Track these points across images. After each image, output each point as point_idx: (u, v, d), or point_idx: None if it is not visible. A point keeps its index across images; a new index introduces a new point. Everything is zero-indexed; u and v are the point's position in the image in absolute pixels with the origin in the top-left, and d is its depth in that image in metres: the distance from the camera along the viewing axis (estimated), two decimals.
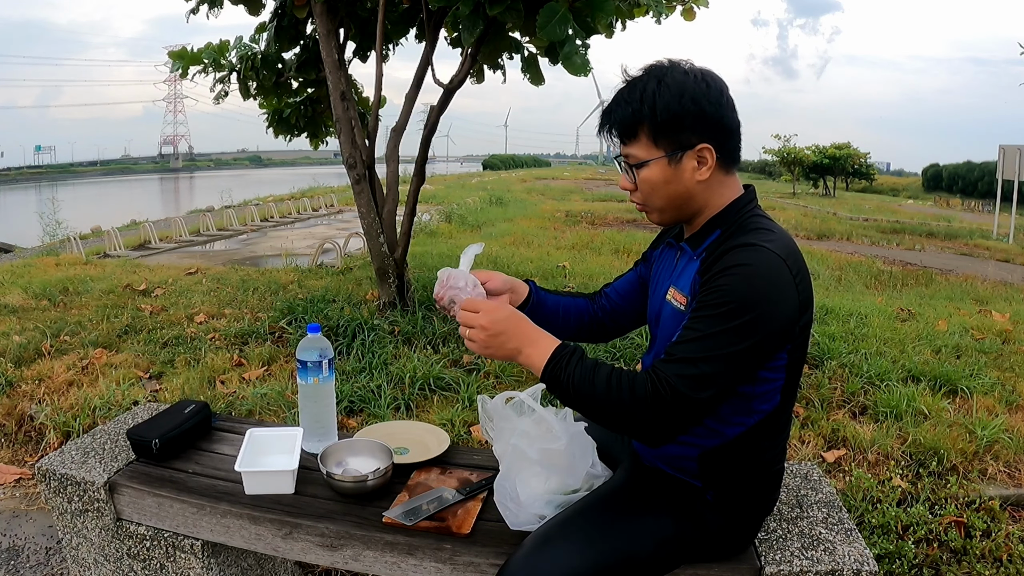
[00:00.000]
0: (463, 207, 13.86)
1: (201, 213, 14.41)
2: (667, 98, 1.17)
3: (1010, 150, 14.19)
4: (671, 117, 1.18)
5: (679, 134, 1.19)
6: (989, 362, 3.73)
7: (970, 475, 2.57)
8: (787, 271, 1.13)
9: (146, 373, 3.49)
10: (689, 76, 1.19)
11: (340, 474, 1.46)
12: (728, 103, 1.21)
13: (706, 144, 1.20)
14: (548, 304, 1.52)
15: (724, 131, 1.21)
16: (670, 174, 1.22)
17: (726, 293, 1.10)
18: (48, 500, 1.63)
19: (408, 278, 4.45)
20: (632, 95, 1.21)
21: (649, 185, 1.24)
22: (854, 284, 7.17)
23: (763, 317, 1.10)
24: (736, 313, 1.09)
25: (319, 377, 1.61)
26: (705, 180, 1.22)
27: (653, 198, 1.25)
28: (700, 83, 1.19)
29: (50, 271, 6.43)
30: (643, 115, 1.19)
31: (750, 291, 1.10)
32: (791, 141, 27.69)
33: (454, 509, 1.40)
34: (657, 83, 1.19)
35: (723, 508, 1.26)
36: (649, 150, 1.21)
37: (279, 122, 5.34)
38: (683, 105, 1.17)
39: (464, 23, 3.39)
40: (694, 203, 1.25)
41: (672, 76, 1.19)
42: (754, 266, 1.11)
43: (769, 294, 1.11)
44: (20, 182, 66.47)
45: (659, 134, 1.20)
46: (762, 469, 1.27)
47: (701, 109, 1.18)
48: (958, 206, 26.81)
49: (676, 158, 1.20)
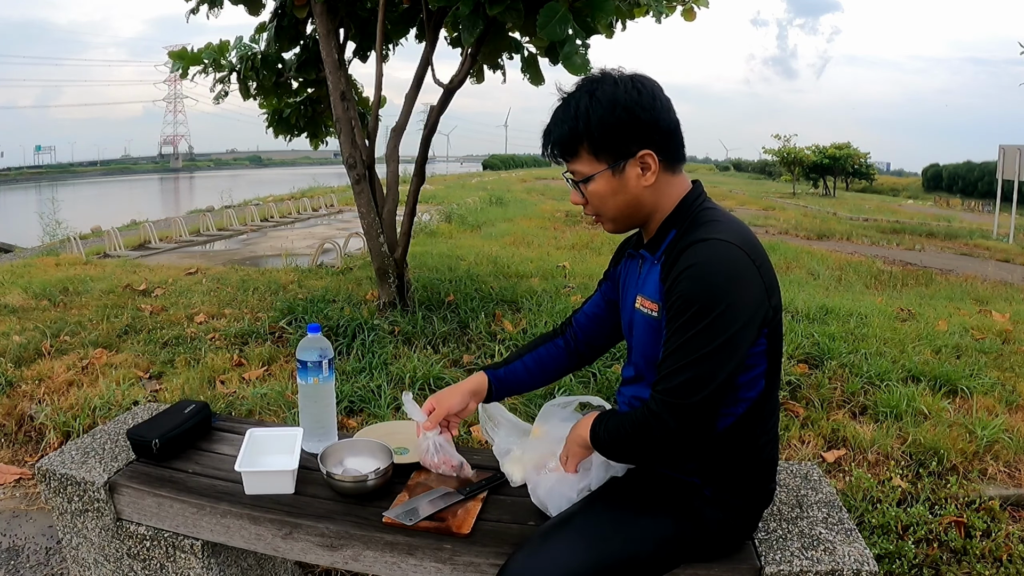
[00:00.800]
0: (463, 207, 13.86)
1: (201, 213, 14.41)
2: (600, 112, 1.20)
3: (1010, 150, 14.19)
4: (607, 130, 1.20)
5: (618, 145, 1.21)
6: (989, 362, 3.73)
7: (970, 475, 2.56)
8: (745, 257, 1.15)
9: (146, 373, 3.49)
10: (619, 86, 1.21)
11: (340, 474, 1.46)
12: (663, 105, 1.23)
13: (647, 150, 1.22)
14: (515, 376, 1.56)
15: (662, 134, 1.22)
16: (616, 184, 1.24)
17: (688, 296, 1.13)
18: (48, 500, 1.63)
19: (408, 278, 4.45)
20: (567, 113, 1.24)
21: (598, 198, 1.27)
22: (854, 284, 7.17)
23: (731, 308, 1.12)
24: (703, 312, 1.11)
25: (319, 377, 1.61)
26: (651, 184, 1.24)
27: (604, 209, 1.28)
28: (631, 91, 1.21)
29: (50, 271, 6.43)
30: (580, 132, 1.22)
31: (711, 287, 1.12)
32: (791, 141, 27.73)
33: (454, 509, 1.39)
34: (589, 98, 1.21)
35: (721, 503, 1.26)
36: (592, 164, 1.24)
37: (279, 122, 5.34)
38: (617, 116, 1.20)
39: (464, 23, 3.39)
40: (644, 208, 1.27)
41: (603, 89, 1.21)
42: (709, 261, 1.14)
43: (730, 285, 1.13)
44: (20, 182, 66.47)
45: (598, 148, 1.22)
46: (755, 457, 1.27)
47: (635, 117, 1.20)
48: (958, 206, 26.82)
49: (619, 168, 1.23)
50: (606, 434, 1.24)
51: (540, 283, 5.49)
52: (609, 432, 1.23)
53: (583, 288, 5.25)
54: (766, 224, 14.01)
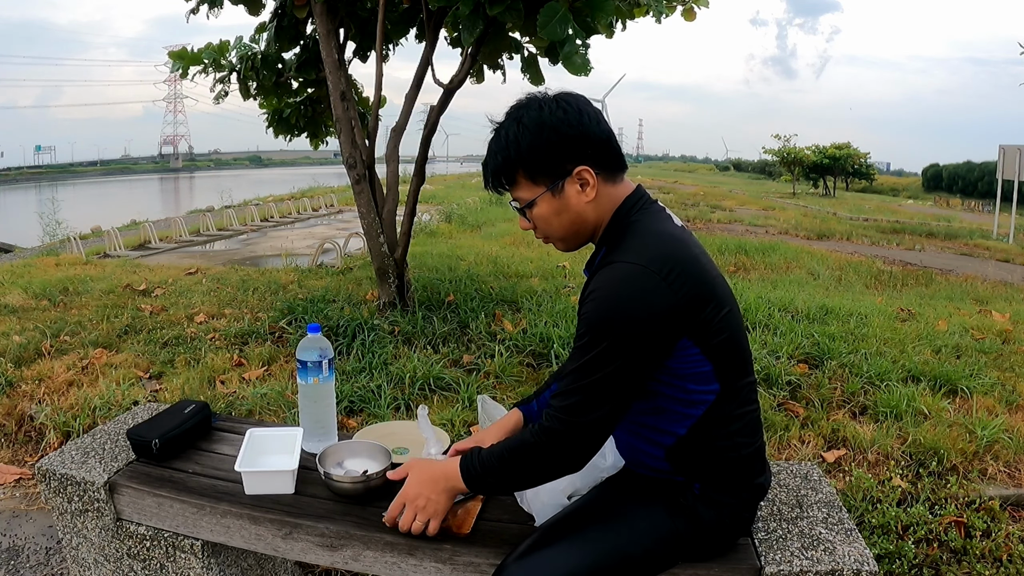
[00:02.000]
0: (463, 207, 13.86)
1: (201, 213, 14.42)
2: (529, 137, 1.22)
3: (1010, 150, 14.20)
4: (538, 153, 1.22)
5: (552, 166, 1.23)
6: (989, 362, 3.73)
7: (970, 475, 2.56)
8: (650, 274, 1.15)
9: (146, 373, 3.49)
10: (544, 109, 1.23)
11: (340, 475, 1.46)
12: (590, 119, 1.24)
13: (582, 166, 1.23)
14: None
15: (594, 147, 1.24)
16: (557, 205, 1.26)
17: (584, 324, 1.19)
18: (48, 500, 1.63)
19: (408, 278, 4.45)
20: (499, 144, 1.26)
21: (543, 220, 1.28)
22: (854, 284, 7.17)
23: (624, 334, 1.14)
24: (595, 341, 1.15)
25: (319, 377, 1.61)
26: (593, 199, 1.25)
27: (551, 230, 1.30)
28: (556, 111, 1.22)
29: (50, 271, 6.43)
30: (513, 159, 1.24)
31: (604, 312, 1.16)
32: (791, 141, 27.74)
33: (454, 509, 1.39)
34: (517, 125, 1.23)
35: (711, 500, 1.26)
36: (531, 189, 1.26)
37: (279, 122, 5.34)
38: (546, 138, 1.21)
39: (464, 23, 3.39)
40: (589, 223, 1.29)
41: (528, 114, 1.23)
42: (606, 287, 1.17)
43: (624, 309, 1.15)
44: (20, 182, 66.49)
45: (534, 172, 1.24)
46: (732, 453, 1.26)
47: (564, 135, 1.22)
48: (958, 206, 26.83)
49: (558, 188, 1.25)
50: (480, 468, 1.23)
51: (540, 283, 5.49)
52: (484, 462, 1.23)
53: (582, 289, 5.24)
54: (766, 224, 14.01)
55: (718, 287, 1.23)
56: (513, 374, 3.42)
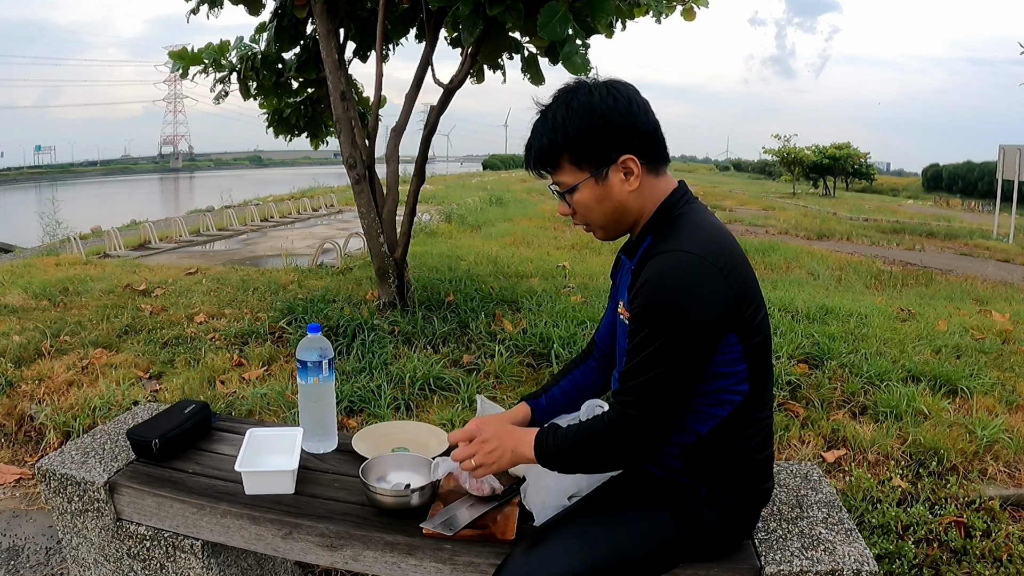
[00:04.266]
0: (463, 207, 13.85)
1: (201, 213, 14.42)
2: (577, 122, 1.21)
3: (1010, 150, 14.19)
4: (586, 138, 1.21)
5: (598, 152, 1.22)
6: (989, 362, 3.73)
7: (970, 475, 2.56)
8: (708, 266, 1.15)
9: (146, 373, 3.49)
10: (594, 94, 1.22)
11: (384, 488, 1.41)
12: (640, 108, 1.23)
13: (628, 155, 1.22)
14: (556, 402, 1.54)
15: (641, 137, 1.23)
16: (600, 192, 1.25)
17: (644, 313, 1.16)
18: (48, 500, 1.63)
19: (408, 278, 4.45)
20: (545, 126, 1.24)
21: (584, 207, 1.27)
22: (854, 284, 7.17)
23: (685, 324, 1.13)
24: (658, 331, 1.14)
25: (319, 377, 1.61)
26: (636, 189, 1.24)
27: (591, 218, 1.29)
28: (607, 98, 1.21)
29: (50, 271, 6.43)
30: (559, 143, 1.23)
31: (664, 303, 1.14)
32: (791, 141, 27.73)
33: (493, 515, 1.38)
34: (566, 108, 1.22)
35: (716, 503, 1.26)
36: (575, 174, 1.25)
37: (279, 122, 5.33)
38: (594, 124, 1.20)
39: (464, 23, 3.39)
40: (630, 213, 1.27)
41: (578, 98, 1.22)
42: (664, 276, 1.15)
43: (684, 299, 1.14)
44: (20, 182, 66.48)
45: (579, 157, 1.23)
46: (746, 457, 1.26)
47: (613, 123, 1.20)
48: (958, 206, 26.82)
49: (602, 175, 1.23)
50: (554, 446, 1.23)
51: (540, 283, 5.49)
52: (558, 443, 1.23)
53: (583, 288, 5.25)
54: (766, 224, 14.01)
55: (757, 289, 1.24)
56: (513, 374, 3.42)
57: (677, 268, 1.15)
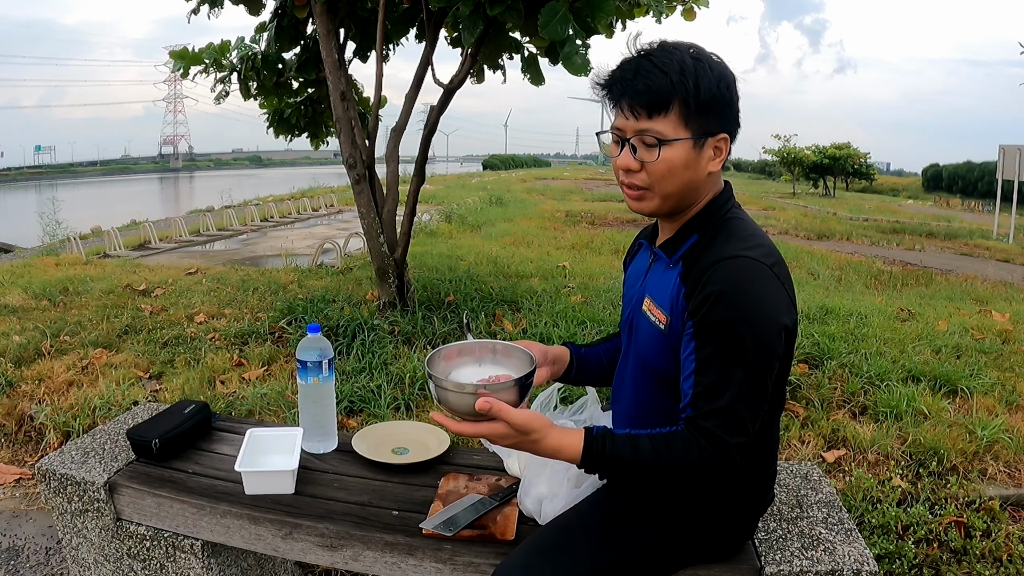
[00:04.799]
0: (463, 207, 13.85)
1: (201, 213, 14.41)
2: (709, 78, 1.10)
3: (1010, 150, 14.18)
4: (710, 99, 1.10)
5: (710, 119, 1.12)
6: (989, 362, 3.73)
7: (970, 475, 2.56)
8: (775, 279, 1.10)
9: (146, 373, 3.49)
10: (722, 62, 1.13)
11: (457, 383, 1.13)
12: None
13: (726, 134, 1.15)
14: (591, 360, 1.47)
15: (736, 125, 1.17)
16: (691, 159, 1.13)
17: (724, 326, 1.06)
18: (48, 500, 1.63)
19: (408, 278, 4.45)
20: (669, 65, 1.09)
21: (667, 167, 1.12)
22: (854, 284, 7.17)
23: (767, 338, 1.07)
24: (747, 347, 1.05)
25: (319, 377, 1.61)
26: (714, 172, 1.17)
27: (666, 182, 1.14)
28: (729, 71, 1.14)
29: (50, 271, 6.43)
30: (682, 89, 1.09)
31: (747, 317, 1.05)
32: (791, 141, 27.71)
33: (492, 515, 1.38)
34: (695, 60, 1.10)
35: (719, 511, 1.24)
36: (676, 129, 1.11)
37: (279, 122, 5.33)
38: (720, 89, 1.11)
39: (464, 23, 3.39)
40: (696, 194, 1.18)
41: (708, 57, 1.12)
42: (741, 285, 1.07)
43: (764, 312, 1.07)
44: (20, 182, 66.48)
45: (693, 114, 1.10)
46: (753, 472, 1.23)
47: (731, 98, 1.13)
48: (958, 206, 26.81)
49: (700, 144, 1.13)
50: (613, 454, 1.08)
51: (540, 283, 5.49)
52: (615, 448, 1.08)
53: (583, 288, 5.25)
54: (766, 224, 14.00)
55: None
56: None
57: (749, 277, 1.07)
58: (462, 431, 1.12)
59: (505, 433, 1.10)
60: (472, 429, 1.11)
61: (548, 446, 1.11)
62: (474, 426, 1.11)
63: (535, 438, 1.10)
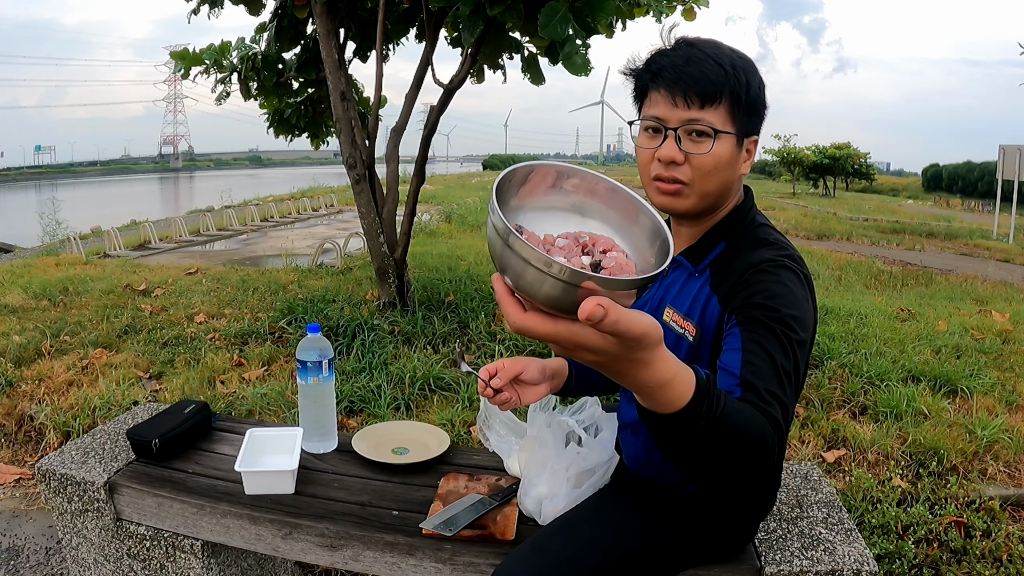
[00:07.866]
0: (463, 207, 13.86)
1: (201, 213, 14.41)
2: (754, 77, 1.09)
3: (1010, 150, 14.19)
4: (755, 96, 1.09)
5: (751, 117, 1.10)
6: (989, 362, 3.73)
7: (970, 475, 2.56)
8: (803, 285, 1.07)
9: (146, 373, 3.49)
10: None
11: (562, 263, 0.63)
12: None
13: (756, 137, 1.14)
14: (590, 370, 1.38)
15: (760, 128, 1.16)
16: (734, 157, 1.10)
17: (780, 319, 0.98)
18: (48, 500, 1.63)
19: (408, 278, 4.45)
20: (722, 57, 1.06)
21: (714, 162, 1.07)
22: (854, 284, 7.17)
23: (807, 339, 1.03)
24: (791, 344, 0.97)
25: (319, 377, 1.61)
26: (743, 175, 1.15)
27: (708, 179, 1.09)
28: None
29: (50, 271, 6.43)
30: (735, 83, 1.06)
31: (796, 314, 1.00)
32: (791, 141, 27.72)
33: (492, 515, 1.38)
34: (740, 58, 1.08)
35: (721, 513, 1.24)
36: (724, 124, 1.07)
37: (280, 122, 5.34)
38: (760, 90, 1.10)
39: (464, 23, 3.39)
40: (727, 197, 1.15)
41: (744, 54, 1.10)
42: (789, 288, 1.03)
43: (808, 314, 1.03)
44: (20, 182, 66.49)
45: (739, 111, 1.07)
46: (762, 478, 1.23)
47: (765, 101, 1.12)
48: (958, 206, 26.82)
49: (741, 142, 1.10)
50: (721, 412, 0.77)
51: None
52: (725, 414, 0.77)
53: None
54: None
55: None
56: None
57: (792, 280, 1.04)
58: (529, 329, 0.65)
59: (600, 347, 0.65)
60: (551, 330, 0.64)
61: (656, 372, 0.70)
62: (554, 325, 0.64)
63: (643, 358, 0.67)
